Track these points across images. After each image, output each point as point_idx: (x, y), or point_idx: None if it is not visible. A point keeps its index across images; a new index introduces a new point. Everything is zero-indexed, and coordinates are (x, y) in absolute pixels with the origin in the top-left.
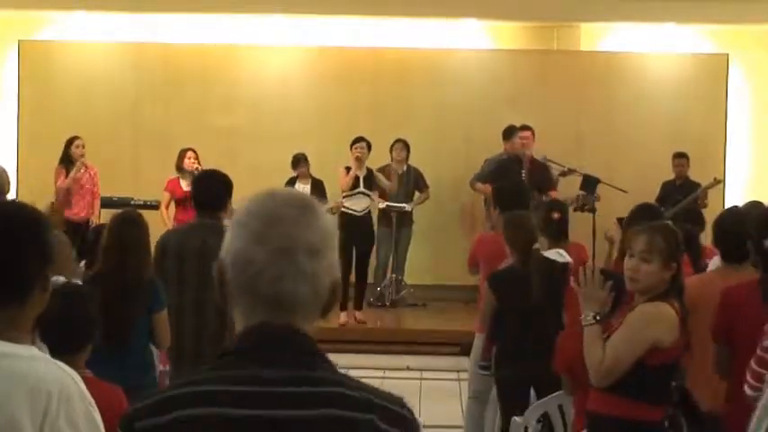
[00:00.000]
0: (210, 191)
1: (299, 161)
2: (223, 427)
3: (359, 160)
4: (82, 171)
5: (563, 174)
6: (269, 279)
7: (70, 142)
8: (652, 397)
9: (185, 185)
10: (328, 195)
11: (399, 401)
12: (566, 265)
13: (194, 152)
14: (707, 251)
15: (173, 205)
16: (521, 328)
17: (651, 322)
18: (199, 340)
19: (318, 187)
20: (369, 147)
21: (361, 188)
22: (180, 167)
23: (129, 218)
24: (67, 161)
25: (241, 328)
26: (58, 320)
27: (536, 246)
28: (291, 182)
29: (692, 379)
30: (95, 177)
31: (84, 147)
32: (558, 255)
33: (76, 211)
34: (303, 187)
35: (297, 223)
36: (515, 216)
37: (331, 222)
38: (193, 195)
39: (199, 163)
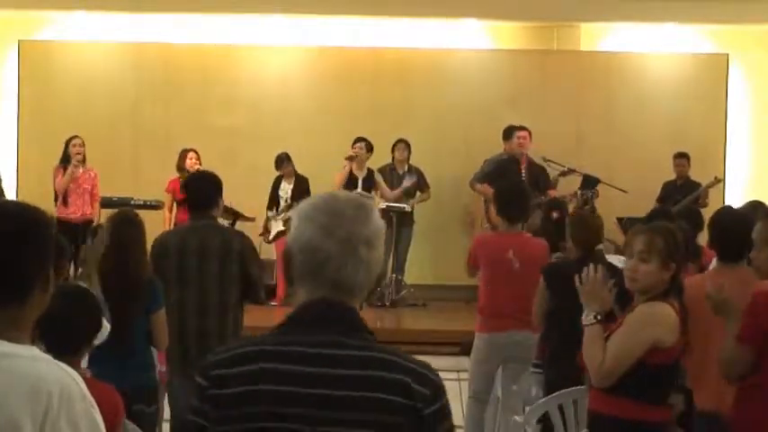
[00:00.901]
0: (202, 191)
1: (283, 161)
2: (280, 381)
3: (351, 159)
4: (81, 171)
5: (563, 174)
6: (335, 266)
7: (69, 141)
8: (652, 397)
9: None
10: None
11: (428, 366)
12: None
13: (196, 153)
14: (706, 252)
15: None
16: (572, 327)
17: (651, 322)
18: (203, 341)
19: (301, 185)
20: (369, 147)
21: (360, 189)
22: (181, 168)
23: (126, 218)
24: (67, 161)
25: (303, 301)
26: (58, 320)
27: (599, 247)
28: (277, 181)
29: (691, 379)
30: (95, 179)
31: (81, 146)
32: (618, 261)
33: (73, 210)
34: (288, 186)
35: (357, 220)
36: (584, 216)
37: (381, 220)
38: (186, 197)
39: (200, 164)
